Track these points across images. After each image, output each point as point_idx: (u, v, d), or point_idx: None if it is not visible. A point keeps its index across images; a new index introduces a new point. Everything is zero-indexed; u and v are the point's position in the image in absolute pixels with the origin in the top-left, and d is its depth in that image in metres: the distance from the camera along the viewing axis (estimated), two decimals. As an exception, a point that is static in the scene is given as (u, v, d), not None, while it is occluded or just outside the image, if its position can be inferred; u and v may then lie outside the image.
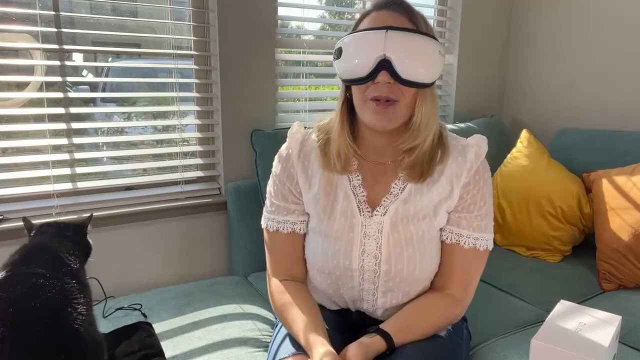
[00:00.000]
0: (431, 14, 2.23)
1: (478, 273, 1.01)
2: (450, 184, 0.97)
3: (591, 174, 1.71)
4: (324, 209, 1.00)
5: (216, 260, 1.75)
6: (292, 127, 1.06)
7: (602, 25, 2.00)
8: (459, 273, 0.99)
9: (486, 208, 0.99)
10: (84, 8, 1.51)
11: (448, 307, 0.99)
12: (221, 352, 1.13)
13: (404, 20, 0.91)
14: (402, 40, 0.88)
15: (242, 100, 1.70)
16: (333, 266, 0.99)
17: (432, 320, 0.96)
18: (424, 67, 0.89)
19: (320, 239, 1.01)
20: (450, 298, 0.99)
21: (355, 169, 1.00)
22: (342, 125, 0.98)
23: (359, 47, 0.90)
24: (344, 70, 0.93)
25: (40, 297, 0.83)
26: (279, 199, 1.03)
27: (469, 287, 1.00)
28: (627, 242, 1.49)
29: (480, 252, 0.98)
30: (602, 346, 0.74)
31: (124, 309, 1.32)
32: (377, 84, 0.89)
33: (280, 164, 1.04)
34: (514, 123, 2.36)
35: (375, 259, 0.97)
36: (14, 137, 1.46)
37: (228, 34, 1.63)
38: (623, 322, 0.86)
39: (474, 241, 0.98)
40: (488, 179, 1.00)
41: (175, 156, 1.68)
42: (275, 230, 1.03)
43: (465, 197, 0.97)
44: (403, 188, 0.98)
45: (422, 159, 0.96)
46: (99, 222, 1.52)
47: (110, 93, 2.04)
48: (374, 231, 0.97)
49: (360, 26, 0.95)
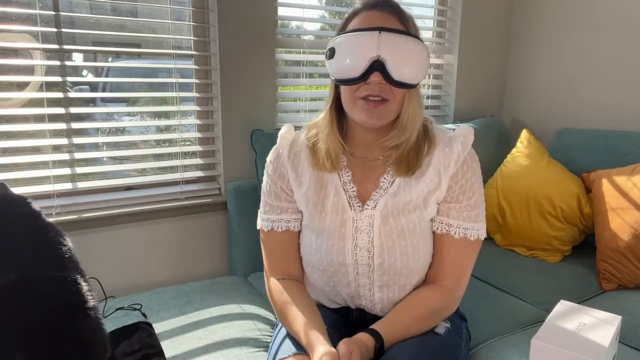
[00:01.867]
0: (431, 14, 2.23)
1: (470, 263, 1.02)
2: (438, 175, 0.98)
3: (591, 174, 1.71)
4: (315, 205, 1.02)
5: (216, 260, 1.75)
6: (282, 128, 1.08)
7: (602, 25, 2.00)
8: (450, 263, 1.00)
9: (475, 198, 0.99)
10: (84, 8, 1.51)
11: (439, 297, 0.99)
12: (221, 352, 1.13)
13: (394, 21, 0.93)
14: (394, 41, 0.90)
15: (242, 100, 1.70)
16: (327, 262, 1.01)
17: (421, 312, 0.96)
18: (414, 69, 0.92)
19: (314, 236, 1.02)
20: (441, 289, 0.99)
21: (345, 166, 1.02)
22: (331, 124, 1.00)
23: (352, 47, 0.91)
24: (336, 70, 0.95)
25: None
26: (272, 199, 1.06)
27: (460, 277, 1.01)
28: (627, 242, 1.49)
29: (471, 241, 0.99)
30: (602, 346, 0.74)
31: (124, 309, 1.32)
32: (369, 84, 0.91)
33: (271, 164, 1.07)
34: (514, 123, 2.36)
35: (368, 252, 0.99)
36: (14, 137, 1.46)
37: (228, 34, 1.63)
38: (623, 322, 0.86)
39: (464, 231, 0.98)
40: (476, 169, 1.01)
41: (175, 156, 1.68)
42: (270, 230, 1.06)
43: (454, 187, 0.99)
44: (392, 182, 1.00)
45: (409, 153, 0.98)
46: (99, 222, 1.52)
47: (110, 93, 2.04)
48: (365, 225, 0.99)
49: (350, 26, 0.95)
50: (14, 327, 0.79)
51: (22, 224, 0.93)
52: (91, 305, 0.87)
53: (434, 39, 2.24)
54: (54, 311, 0.83)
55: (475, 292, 1.47)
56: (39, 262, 0.89)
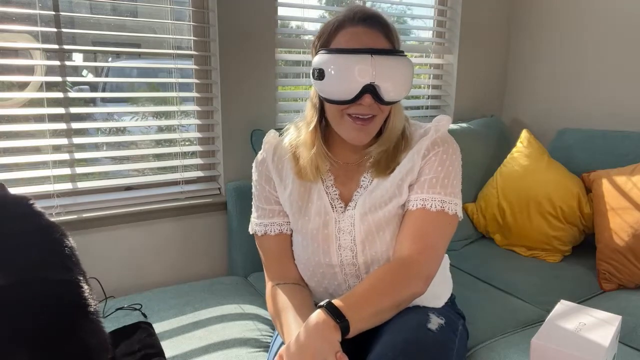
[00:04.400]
0: (431, 14, 2.23)
1: (435, 234, 0.95)
2: (411, 161, 0.99)
3: (591, 174, 1.71)
4: (299, 209, 1.03)
5: (216, 260, 1.75)
6: (267, 134, 1.10)
7: (603, 25, 2.00)
8: (410, 234, 0.96)
9: (444, 175, 0.97)
10: (84, 8, 1.51)
11: (395, 268, 0.92)
12: (221, 352, 1.13)
13: (382, 39, 0.93)
14: (386, 64, 0.91)
15: (242, 100, 1.70)
16: (315, 263, 1.02)
17: (376, 282, 0.90)
18: (403, 88, 0.95)
19: (300, 238, 1.04)
20: (399, 260, 0.93)
21: (328, 170, 1.04)
22: (317, 139, 1.00)
23: (344, 72, 0.91)
24: (325, 91, 0.94)
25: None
26: (262, 202, 1.08)
27: (424, 249, 0.93)
28: (627, 242, 1.49)
29: (432, 212, 0.95)
30: (602, 346, 0.74)
31: (124, 309, 1.32)
32: (359, 104, 0.93)
33: (257, 170, 1.09)
34: (514, 123, 2.36)
35: (352, 252, 1.00)
36: (14, 137, 1.46)
37: (228, 34, 1.63)
38: (623, 322, 0.86)
39: (422, 202, 0.96)
40: (450, 150, 0.99)
41: (175, 156, 1.68)
42: (263, 234, 1.08)
43: (424, 167, 0.99)
44: (371, 180, 1.01)
45: (387, 156, 1.00)
46: (99, 222, 1.52)
47: (110, 93, 2.04)
48: (347, 225, 1.00)
49: (336, 41, 0.94)
50: (19, 328, 0.79)
51: (25, 224, 0.93)
52: (93, 309, 0.88)
53: (434, 39, 2.24)
54: (59, 313, 0.83)
55: (475, 292, 1.48)
56: (44, 263, 0.89)
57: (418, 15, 2.29)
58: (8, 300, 0.81)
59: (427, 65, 2.24)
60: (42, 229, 0.94)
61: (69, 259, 0.93)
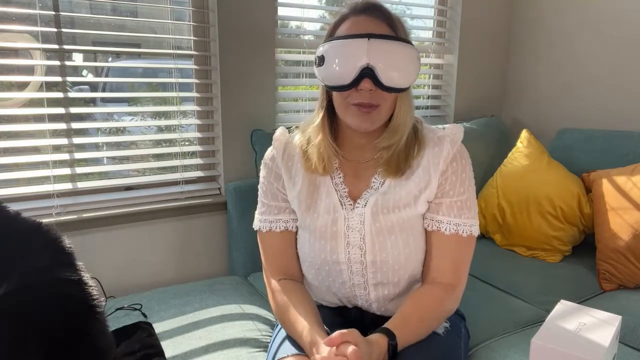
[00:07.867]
0: (431, 14, 2.23)
1: (466, 259, 1.01)
2: (428, 174, 0.99)
3: (591, 174, 1.71)
4: (307, 206, 1.03)
5: (216, 260, 1.75)
6: (276, 131, 1.10)
7: (602, 25, 2.00)
8: (446, 261, 1.00)
9: (467, 195, 1.00)
10: (84, 8, 1.51)
11: (441, 294, 0.98)
12: (221, 352, 1.13)
13: (383, 26, 0.93)
14: (383, 48, 0.90)
15: (242, 100, 1.70)
16: (321, 261, 1.02)
17: (427, 310, 0.96)
18: (404, 73, 0.93)
19: (307, 235, 1.04)
20: (442, 286, 0.99)
21: (337, 168, 1.03)
22: (323, 129, 1.01)
23: (341, 55, 0.92)
24: (326, 77, 0.95)
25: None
26: (269, 199, 1.07)
27: (458, 272, 1.00)
28: (627, 242, 1.49)
29: (464, 238, 0.99)
30: (602, 346, 0.74)
31: (124, 309, 1.32)
32: (359, 90, 0.92)
33: (266, 167, 1.08)
34: (514, 123, 2.36)
35: (360, 249, 0.99)
36: (14, 137, 1.46)
37: (228, 34, 1.63)
38: (623, 322, 0.86)
39: (455, 227, 0.98)
40: (466, 165, 1.01)
41: (175, 156, 1.68)
42: (268, 230, 1.07)
43: (444, 183, 0.99)
44: (382, 182, 1.01)
45: (399, 156, 0.99)
46: (99, 222, 1.52)
47: (110, 93, 2.04)
48: (356, 223, 0.99)
49: (339, 31, 0.96)
50: (36, 329, 0.79)
51: (27, 227, 0.93)
52: (100, 309, 0.88)
53: (434, 39, 2.24)
54: (72, 314, 0.83)
55: (475, 292, 1.47)
56: (54, 263, 0.90)
57: (418, 15, 2.29)
58: (23, 302, 0.81)
59: (427, 65, 2.24)
60: (44, 231, 0.94)
61: (73, 257, 0.93)
